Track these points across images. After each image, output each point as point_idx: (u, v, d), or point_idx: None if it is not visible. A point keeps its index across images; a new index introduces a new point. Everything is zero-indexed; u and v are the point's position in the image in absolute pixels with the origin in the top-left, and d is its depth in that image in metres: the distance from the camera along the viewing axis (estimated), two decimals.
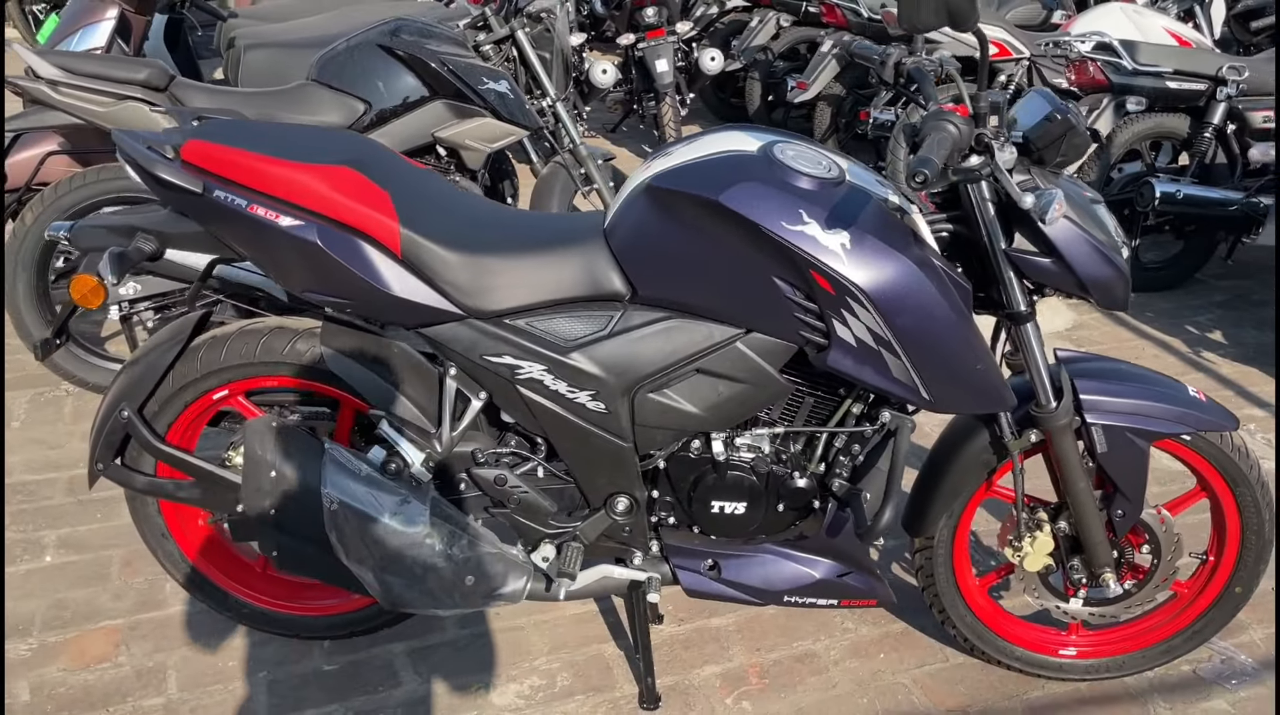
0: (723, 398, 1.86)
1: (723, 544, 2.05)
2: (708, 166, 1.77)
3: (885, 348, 1.74)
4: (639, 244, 1.81)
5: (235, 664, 2.28)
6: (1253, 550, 2.08)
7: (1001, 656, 2.23)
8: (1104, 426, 1.93)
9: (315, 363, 1.97)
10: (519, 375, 1.86)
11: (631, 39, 5.87)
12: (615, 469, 1.94)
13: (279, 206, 1.77)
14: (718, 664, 2.32)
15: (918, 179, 1.52)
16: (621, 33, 5.94)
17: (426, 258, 1.81)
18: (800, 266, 1.72)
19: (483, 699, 2.21)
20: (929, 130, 1.68)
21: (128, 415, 1.97)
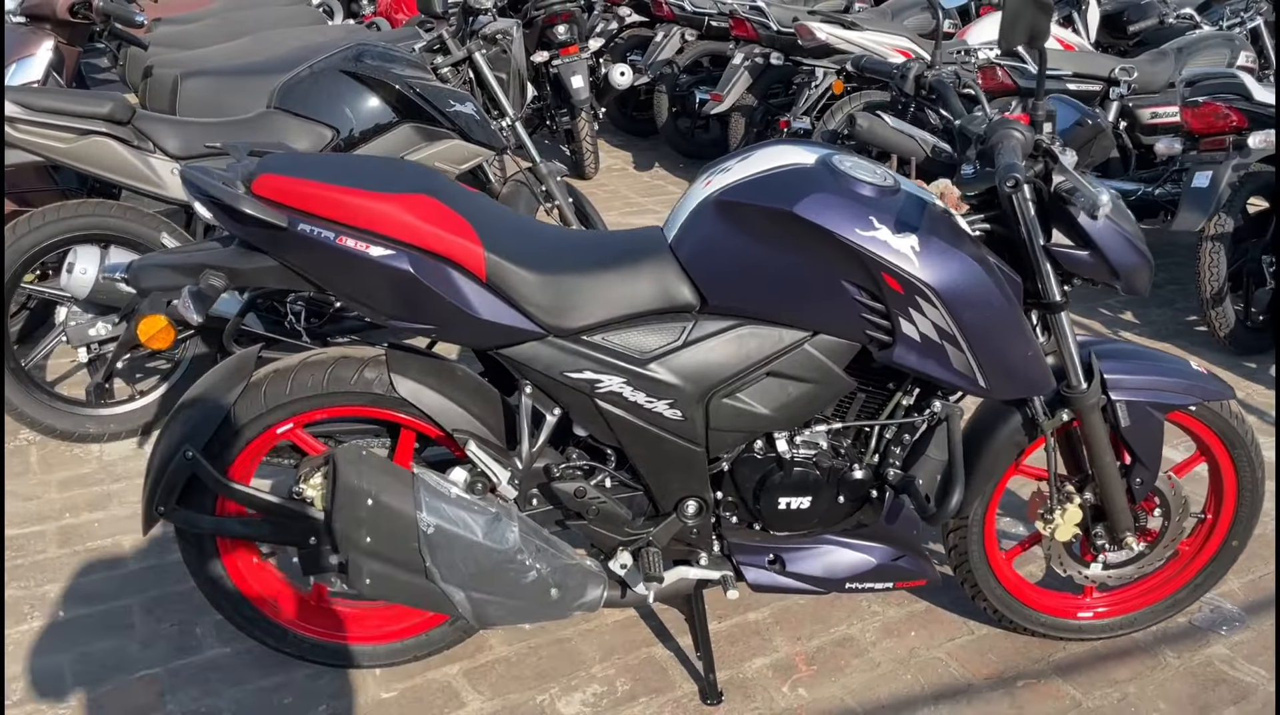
0: (792, 398, 1.97)
1: (783, 538, 2.15)
2: (775, 180, 1.87)
3: (949, 341, 1.88)
4: (709, 255, 1.90)
5: (291, 700, 2.25)
6: (1247, 506, 2.31)
7: (1027, 623, 2.40)
8: (1127, 403, 2.11)
9: (385, 391, 1.98)
10: (598, 389, 1.92)
11: (545, 56, 5.94)
12: (687, 473, 2.02)
13: (367, 237, 1.79)
14: (765, 656, 2.42)
15: (1010, 184, 1.66)
16: (533, 51, 5.99)
17: (510, 280, 1.85)
18: (870, 269, 1.84)
19: (550, 709, 2.25)
20: (999, 138, 1.82)
21: (192, 455, 1.94)
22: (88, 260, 2.92)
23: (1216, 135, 3.86)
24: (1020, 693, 2.31)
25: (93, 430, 3.22)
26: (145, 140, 3.10)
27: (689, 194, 2.01)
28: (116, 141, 3.04)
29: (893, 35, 5.34)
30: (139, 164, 3.08)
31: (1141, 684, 2.34)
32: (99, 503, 2.97)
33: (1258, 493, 2.30)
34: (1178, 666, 2.39)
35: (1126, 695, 2.30)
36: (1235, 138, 3.82)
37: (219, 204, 1.80)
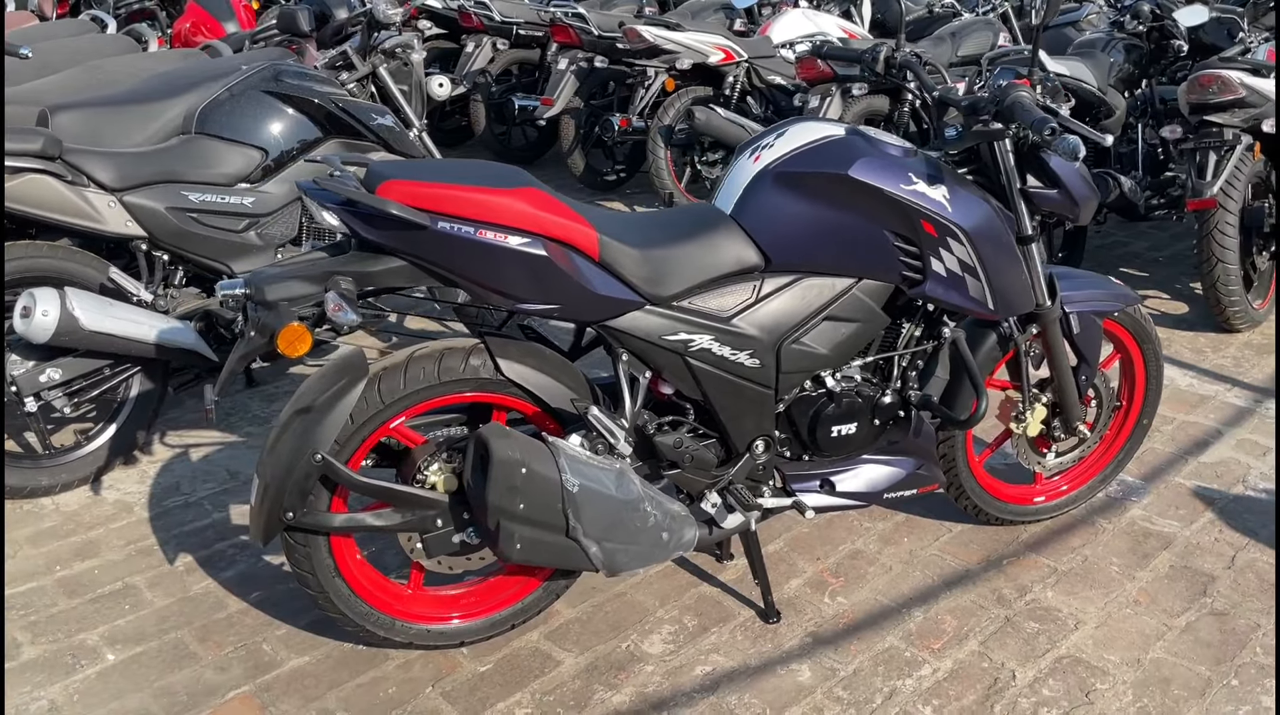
0: (844, 337, 2.30)
1: (828, 464, 2.48)
2: (825, 149, 2.19)
3: (970, 273, 2.27)
4: (772, 220, 2.20)
5: (395, 690, 2.34)
6: (1154, 389, 2.87)
7: (999, 513, 2.86)
8: (1077, 313, 2.60)
9: (492, 375, 2.13)
10: (691, 348, 2.17)
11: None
12: (760, 415, 2.31)
13: (502, 230, 1.94)
14: (797, 577, 2.74)
15: (1050, 132, 2.06)
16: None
17: (618, 257, 2.07)
18: (911, 217, 2.20)
19: (637, 651, 2.46)
20: (1015, 100, 2.22)
21: (321, 458, 2.02)
22: (48, 302, 2.80)
23: None
24: (1009, 569, 2.76)
25: (45, 482, 3.07)
26: (78, 174, 3.00)
27: (738, 169, 2.29)
28: (52, 178, 2.93)
29: (710, 34, 5.79)
30: (78, 200, 2.98)
31: (1093, 547, 2.85)
32: (86, 551, 2.86)
33: (1160, 378, 2.87)
34: (1112, 529, 2.93)
35: (1086, 557, 2.81)
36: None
37: (354, 210, 1.89)
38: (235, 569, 2.78)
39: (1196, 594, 2.64)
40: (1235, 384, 3.83)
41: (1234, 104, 3.99)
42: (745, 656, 2.44)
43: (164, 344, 3.03)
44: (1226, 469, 3.23)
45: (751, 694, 2.33)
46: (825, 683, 2.35)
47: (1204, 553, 2.81)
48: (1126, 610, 2.59)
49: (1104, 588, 2.67)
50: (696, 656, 2.44)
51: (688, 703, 2.30)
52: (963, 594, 2.66)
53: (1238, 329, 4.24)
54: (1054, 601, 2.62)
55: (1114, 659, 2.42)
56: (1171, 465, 3.26)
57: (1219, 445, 3.38)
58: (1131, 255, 5.41)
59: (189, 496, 3.13)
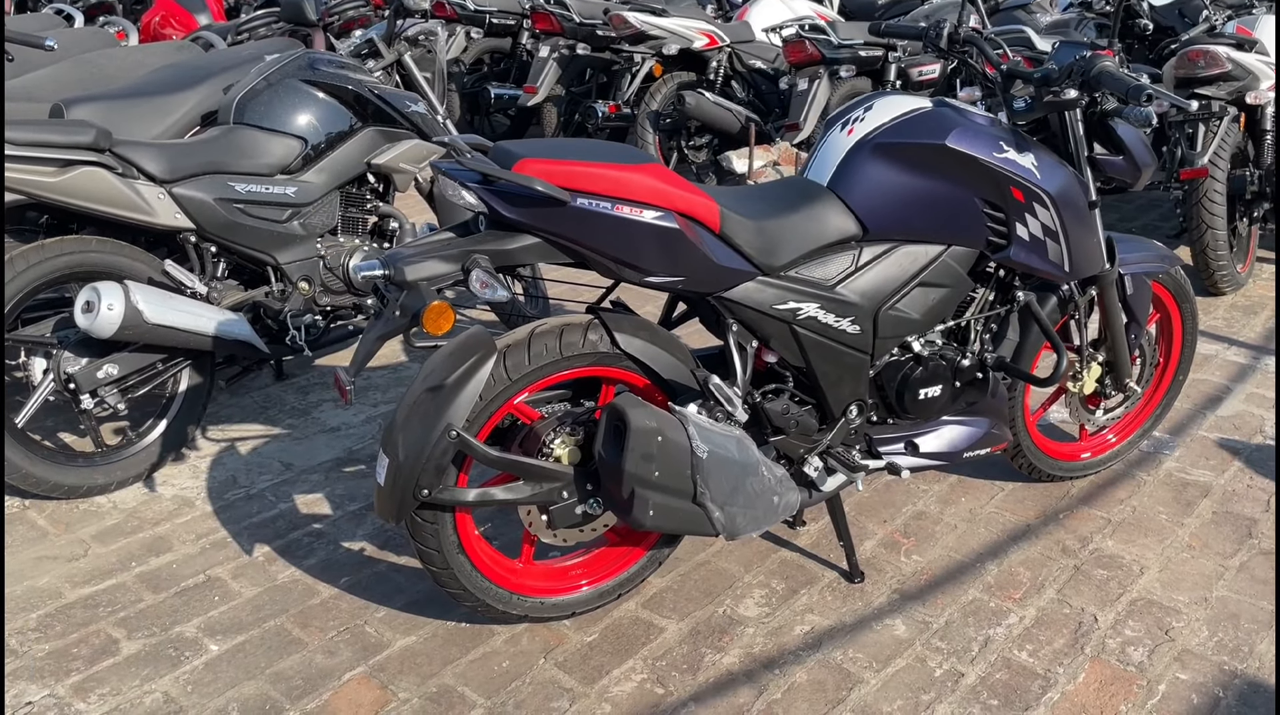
0: (934, 302, 2.40)
1: (911, 426, 2.57)
2: (919, 121, 2.28)
3: (1051, 237, 2.38)
4: (870, 190, 2.28)
5: (510, 663, 2.38)
6: (1190, 346, 3.04)
7: (1051, 470, 3.00)
8: (1130, 276, 2.74)
9: (609, 349, 2.18)
10: (799, 316, 2.25)
11: None
12: (856, 381, 2.39)
13: (637, 205, 1.99)
14: (870, 539, 2.84)
15: (1146, 99, 2.17)
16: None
17: (737, 229, 2.13)
18: (1001, 184, 2.30)
19: (734, 615, 2.54)
20: (1103, 69, 2.32)
21: (457, 434, 2.05)
22: (113, 296, 2.76)
23: None
24: (1066, 522, 2.90)
25: (100, 481, 3.03)
26: (128, 167, 2.96)
27: (831, 142, 2.37)
28: (106, 171, 2.88)
29: (694, 19, 5.87)
30: (129, 193, 2.93)
31: (1139, 498, 3.01)
32: (158, 546, 2.83)
33: (1196, 336, 3.04)
34: (1153, 481, 3.09)
35: (1135, 508, 2.96)
36: None
37: (491, 188, 1.93)
38: (316, 557, 2.78)
39: (1243, 536, 2.81)
40: (1232, 343, 4.04)
41: (1220, 77, 4.20)
42: (839, 615, 2.53)
43: (220, 337, 3.00)
44: (1243, 421, 3.42)
45: (854, 649, 2.42)
46: (922, 635, 2.46)
47: (1240, 498, 2.98)
48: (1183, 554, 2.74)
49: (1157, 535, 2.82)
50: (793, 617, 2.53)
51: (795, 660, 2.38)
52: (1029, 547, 2.79)
53: (1224, 292, 4.47)
54: (1115, 550, 2.77)
55: (1183, 599, 2.56)
56: (1193, 420, 3.44)
57: (1231, 400, 3.57)
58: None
59: (249, 489, 3.11)
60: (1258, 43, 4.30)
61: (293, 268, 3.24)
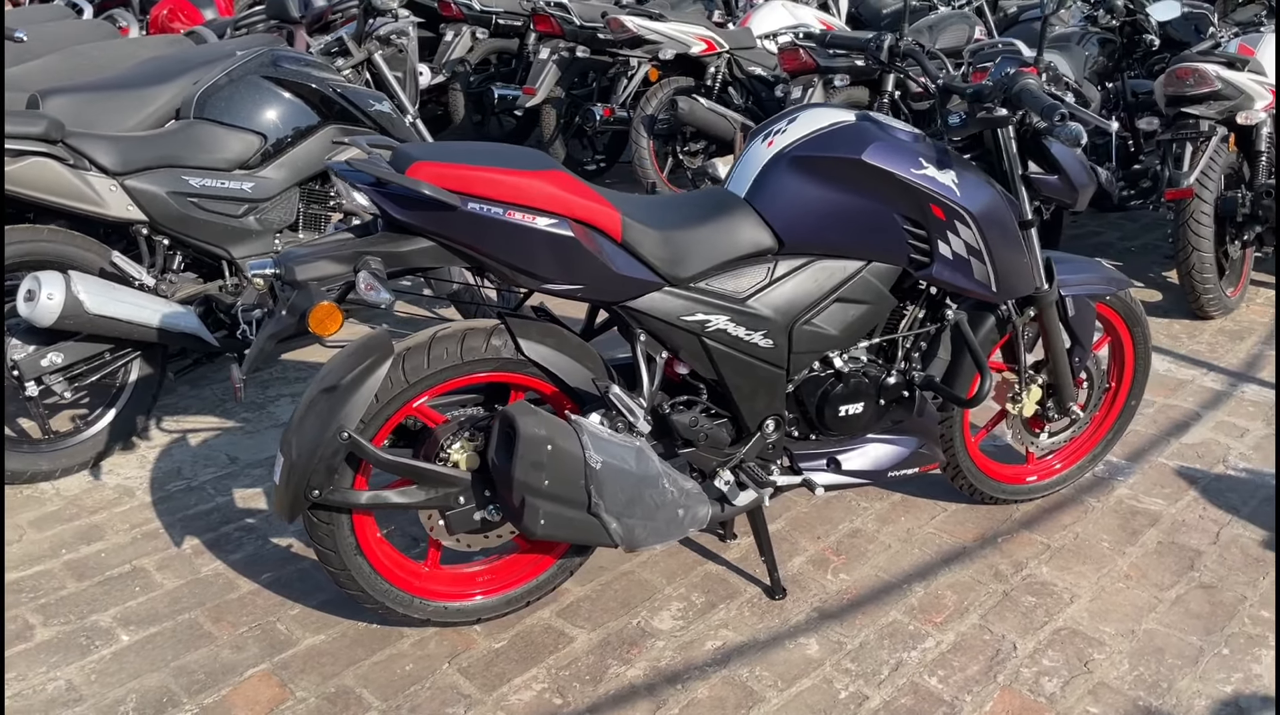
0: (853, 319, 2.36)
1: (834, 443, 2.54)
2: (838, 134, 2.25)
3: (975, 256, 2.34)
4: (786, 203, 2.25)
5: (412, 666, 2.37)
6: (1142, 371, 2.97)
7: (993, 492, 2.94)
8: (1072, 297, 2.68)
9: (513, 355, 2.17)
10: (708, 328, 2.22)
11: None
12: (771, 395, 2.36)
13: (530, 211, 1.98)
14: (799, 555, 2.80)
15: (1058, 116, 2.12)
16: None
17: (640, 238, 2.11)
18: (920, 201, 2.26)
19: (648, 627, 2.51)
20: (1023, 87, 2.28)
21: (349, 436, 2.04)
22: (53, 286, 2.79)
23: None
24: (1004, 546, 2.84)
25: (45, 467, 3.06)
26: (80, 158, 2.99)
27: (752, 153, 2.34)
28: (55, 161, 2.92)
29: (693, 25, 5.84)
30: (80, 184, 2.97)
31: (1084, 524, 2.94)
32: (91, 535, 2.86)
33: (1148, 360, 2.96)
34: (1101, 508, 3.02)
35: (1078, 534, 2.89)
36: None
37: (384, 191, 1.92)
38: (243, 551, 2.79)
39: (1185, 568, 2.73)
40: (1211, 369, 3.95)
41: (1210, 96, 4.11)
42: (754, 631, 2.50)
43: (166, 328, 3.03)
44: (1207, 449, 3.34)
45: (762, 666, 2.38)
46: (833, 655, 2.42)
47: (1189, 530, 2.90)
48: (1119, 584, 2.67)
49: (1096, 563, 2.76)
50: (706, 632, 2.50)
51: (700, 675, 2.35)
52: (961, 570, 2.74)
53: (1211, 316, 4.37)
54: (1049, 576, 2.71)
55: (1109, 630, 2.50)
56: (1155, 446, 3.36)
57: (1199, 427, 3.49)
58: (1105, 245, 5.53)
59: (190, 481, 3.13)
60: (1251, 61, 4.20)
61: (248, 263, 3.26)
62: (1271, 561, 2.75)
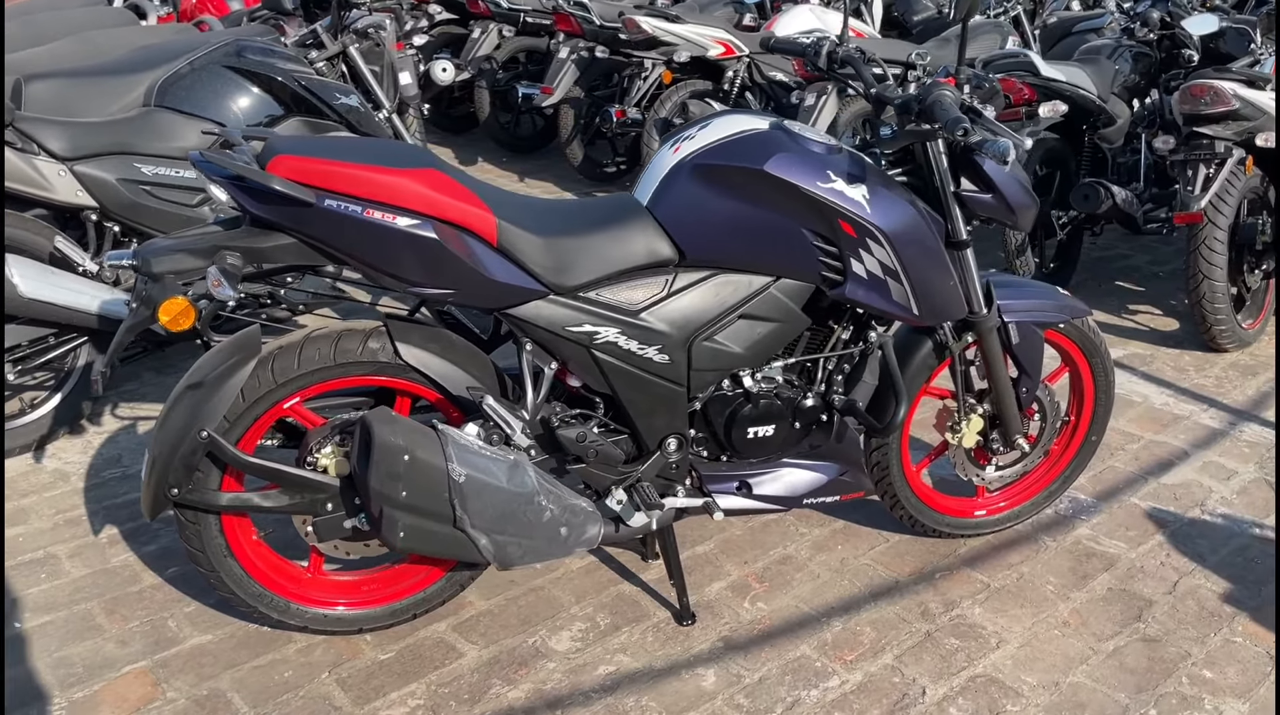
0: (760, 337, 2.24)
1: (747, 465, 2.41)
2: (743, 143, 2.13)
3: (891, 277, 2.20)
4: (686, 213, 2.14)
5: (291, 673, 2.31)
6: (1103, 405, 2.78)
7: (936, 525, 2.78)
8: (1016, 323, 2.51)
9: (390, 359, 2.09)
10: (596, 340, 2.12)
11: None
12: (671, 413, 2.25)
13: (392, 210, 1.91)
14: (721, 580, 2.68)
15: (961, 133, 1.98)
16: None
17: (518, 243, 2.02)
18: (828, 216, 2.13)
19: (544, 647, 2.42)
20: (936, 98, 2.15)
21: (207, 435, 1.99)
22: None
23: (1014, 108, 4.45)
24: (940, 583, 2.69)
25: None
26: (28, 142, 3.00)
27: (658, 160, 2.24)
28: (9, 147, 2.93)
29: (711, 28, 5.72)
30: (25, 168, 2.98)
31: (1032, 564, 2.77)
32: (15, 518, 2.86)
33: (1110, 394, 2.78)
34: (1056, 547, 2.84)
35: (1023, 575, 2.72)
36: (1027, 109, 4.42)
37: (242, 185, 1.86)
38: (158, 543, 2.77)
39: (1130, 619, 2.55)
40: (1213, 405, 3.71)
41: (1227, 116, 3.87)
42: (651, 658, 2.39)
43: (105, 315, 3.02)
44: (1186, 491, 3.13)
45: (650, 697, 2.27)
46: (728, 689, 2.30)
47: (1146, 577, 2.71)
48: (1054, 631, 2.50)
49: (1035, 607, 2.59)
50: (602, 656, 2.40)
51: (584, 703, 2.26)
52: (887, 606, 2.59)
53: (1224, 349, 4.12)
54: (980, 618, 2.55)
55: (1031, 681, 2.34)
56: (1129, 485, 3.16)
57: (1183, 467, 3.27)
58: (1130, 268, 5.27)
59: (127, 469, 3.13)
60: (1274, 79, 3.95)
61: None
62: (1228, 617, 2.56)
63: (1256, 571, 2.73)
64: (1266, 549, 2.83)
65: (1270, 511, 3.00)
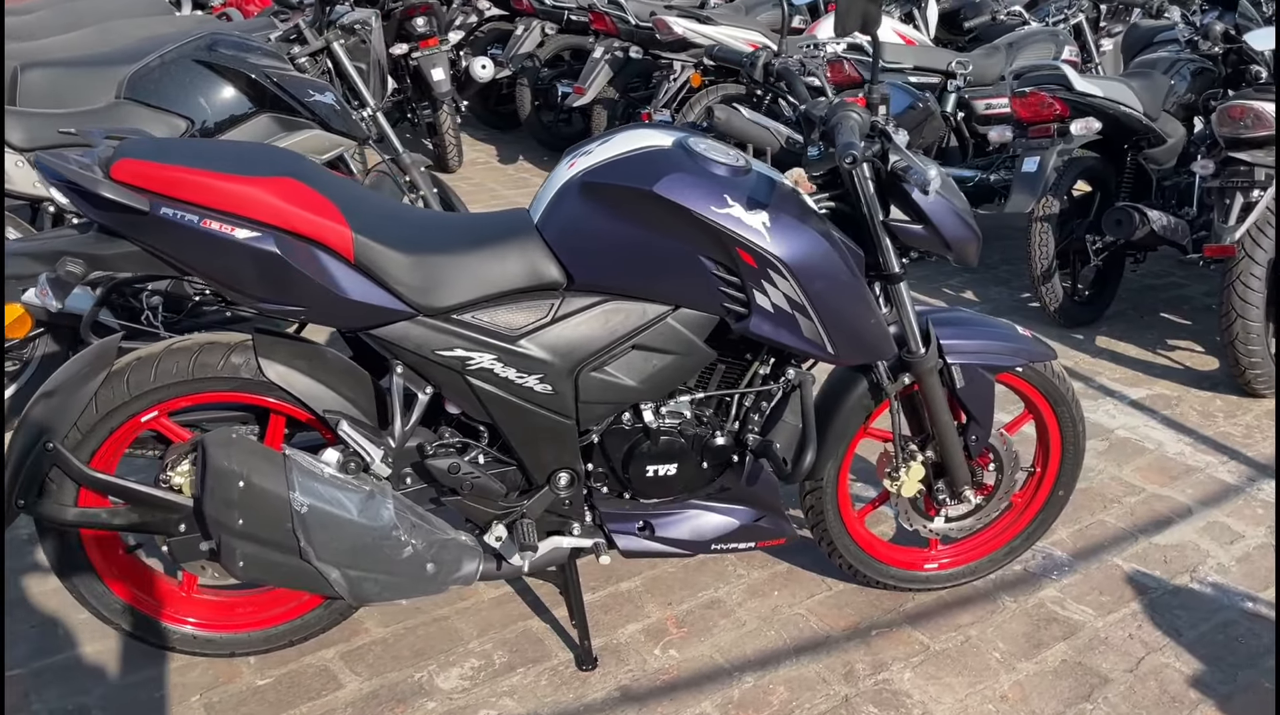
0: (656, 370, 2.06)
1: (651, 506, 2.25)
2: (636, 161, 1.96)
3: (799, 311, 2.00)
4: (574, 235, 1.98)
5: (163, 694, 2.23)
6: (1071, 458, 2.53)
7: (879, 577, 2.57)
8: (961, 365, 2.29)
9: (253, 375, 1.98)
10: (470, 366, 1.98)
11: (405, 49, 5.91)
12: (559, 446, 2.10)
13: (232, 220, 1.80)
14: (638, 621, 2.52)
15: (849, 161, 1.78)
16: (392, 43, 5.95)
17: (379, 260, 1.89)
18: (726, 244, 1.95)
19: (429, 684, 2.29)
20: (838, 119, 1.95)
21: (53, 447, 1.91)
22: None
23: (1043, 123, 4.15)
24: (874, 641, 2.47)
25: None
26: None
27: (553, 176, 2.08)
28: None
29: (745, 30, 5.52)
30: None
31: (982, 626, 2.53)
32: None
33: (1079, 446, 2.52)
34: (1015, 609, 2.60)
35: (969, 638, 2.49)
36: (1059, 125, 4.12)
37: (78, 189, 1.78)
38: None
39: (1078, 698, 2.31)
40: (1234, 457, 3.39)
41: (1268, 140, 3.53)
42: (539, 704, 2.24)
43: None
44: (1180, 554, 2.84)
45: None
46: None
47: (1108, 650, 2.46)
48: (988, 706, 2.28)
49: (974, 675, 2.36)
50: (487, 698, 2.26)
51: None
52: (811, 663, 2.39)
53: (1259, 394, 3.77)
54: (908, 685, 2.33)
55: None
56: (1116, 543, 2.88)
57: (1182, 526, 2.98)
58: (1181, 299, 4.90)
59: None
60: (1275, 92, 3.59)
61: None
62: (1190, 704, 2.29)
63: (1236, 653, 2.45)
64: (1255, 628, 2.54)
65: (1271, 583, 2.70)
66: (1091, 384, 3.90)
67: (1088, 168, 4.34)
